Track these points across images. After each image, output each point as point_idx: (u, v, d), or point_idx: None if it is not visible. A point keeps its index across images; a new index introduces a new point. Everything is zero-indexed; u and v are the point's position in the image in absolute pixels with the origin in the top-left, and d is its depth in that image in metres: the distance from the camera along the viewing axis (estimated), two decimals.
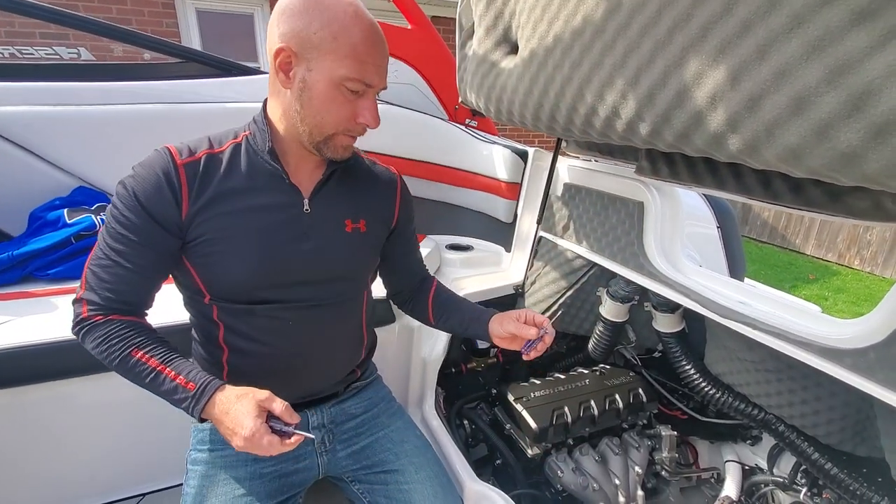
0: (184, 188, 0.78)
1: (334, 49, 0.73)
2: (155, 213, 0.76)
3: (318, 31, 0.72)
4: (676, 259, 1.19)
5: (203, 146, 0.82)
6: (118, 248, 0.77)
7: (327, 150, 0.82)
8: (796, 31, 0.55)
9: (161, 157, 0.78)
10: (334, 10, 0.73)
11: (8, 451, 1.09)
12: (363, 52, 0.75)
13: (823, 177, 0.60)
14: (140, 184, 0.76)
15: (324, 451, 0.99)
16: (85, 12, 4.21)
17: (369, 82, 0.77)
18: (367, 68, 0.76)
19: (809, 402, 1.01)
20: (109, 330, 0.77)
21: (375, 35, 0.77)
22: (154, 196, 0.76)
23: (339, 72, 0.74)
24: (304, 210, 0.86)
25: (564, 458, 1.32)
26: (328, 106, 0.77)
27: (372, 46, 0.76)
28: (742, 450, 1.42)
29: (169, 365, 0.77)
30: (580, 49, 0.87)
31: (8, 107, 1.43)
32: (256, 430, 0.70)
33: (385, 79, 0.81)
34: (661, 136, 0.77)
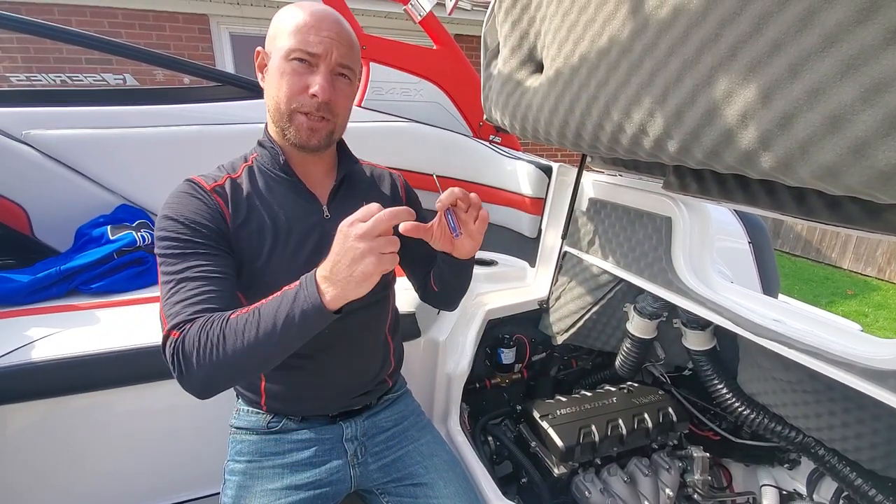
0: (222, 205, 0.83)
1: (281, 31, 0.82)
2: (209, 225, 0.79)
3: (275, 25, 0.83)
4: (706, 275, 1.17)
5: (221, 174, 0.87)
6: (180, 269, 0.74)
7: (291, 133, 0.84)
8: (829, 50, 0.55)
9: (190, 186, 0.83)
10: (284, 12, 0.84)
11: (51, 458, 1.14)
12: (304, 26, 0.80)
13: (861, 194, 0.59)
14: (181, 207, 0.79)
15: (356, 463, 1.00)
16: (127, 38, 4.45)
17: (312, 51, 0.80)
18: (308, 38, 0.80)
19: (851, 424, 0.97)
20: (200, 325, 0.69)
21: (320, 13, 0.82)
22: (202, 211, 0.80)
23: (286, 46, 0.80)
24: (325, 216, 0.91)
25: (592, 478, 1.30)
26: (280, 80, 0.81)
27: (314, 20, 0.81)
28: (779, 474, 1.36)
29: (262, 306, 0.69)
30: (606, 68, 0.88)
31: (59, 130, 1.52)
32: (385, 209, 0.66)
33: (343, 54, 0.83)
34: (690, 153, 0.77)
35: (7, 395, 1.04)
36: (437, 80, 2.03)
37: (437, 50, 2.03)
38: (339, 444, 0.99)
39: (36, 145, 1.50)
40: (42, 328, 1.16)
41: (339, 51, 0.82)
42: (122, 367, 1.10)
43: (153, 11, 4.61)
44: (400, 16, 5.05)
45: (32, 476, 1.13)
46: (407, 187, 1.08)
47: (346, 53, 0.83)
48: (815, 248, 6.12)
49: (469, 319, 1.56)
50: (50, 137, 1.51)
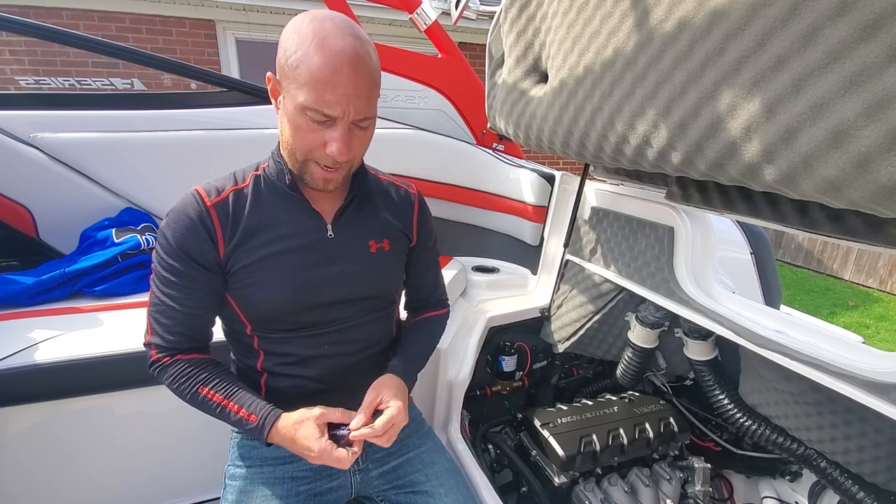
0: (217, 229, 0.81)
1: (296, 76, 0.72)
2: (196, 257, 0.81)
3: (288, 58, 0.72)
4: (708, 285, 1.17)
5: (229, 184, 0.86)
6: (169, 293, 0.82)
7: (307, 178, 0.82)
8: (832, 66, 0.56)
9: (191, 201, 0.82)
10: (305, 35, 0.71)
11: (55, 459, 1.14)
12: (321, 81, 0.70)
13: (864, 208, 0.60)
14: (176, 231, 0.80)
15: (357, 470, 0.99)
16: (134, 43, 4.49)
17: (328, 113, 0.73)
18: (324, 97, 0.72)
19: (853, 437, 0.97)
20: (176, 371, 0.84)
21: (340, 62, 0.71)
22: (192, 240, 0.80)
23: (299, 99, 0.72)
24: (329, 235, 0.89)
25: (592, 487, 1.30)
26: (295, 132, 0.76)
27: (333, 74, 0.70)
28: (781, 486, 1.36)
29: (232, 399, 0.83)
30: (611, 80, 0.89)
31: (66, 133, 1.54)
32: (323, 450, 0.78)
33: (361, 109, 0.75)
34: (693, 165, 0.78)
35: (10, 397, 1.05)
36: (442, 88, 2.05)
37: (441, 58, 2.05)
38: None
39: (43, 148, 1.51)
40: (46, 330, 1.16)
41: (358, 106, 0.75)
42: (124, 371, 1.10)
43: (160, 16, 4.65)
44: (405, 24, 5.09)
45: (35, 477, 1.13)
46: (421, 207, 1.04)
47: (364, 107, 0.76)
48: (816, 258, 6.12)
49: (470, 327, 1.56)
50: (57, 140, 1.53)
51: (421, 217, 1.03)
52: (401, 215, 0.99)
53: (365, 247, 0.92)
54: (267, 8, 4.78)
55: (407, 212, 1.01)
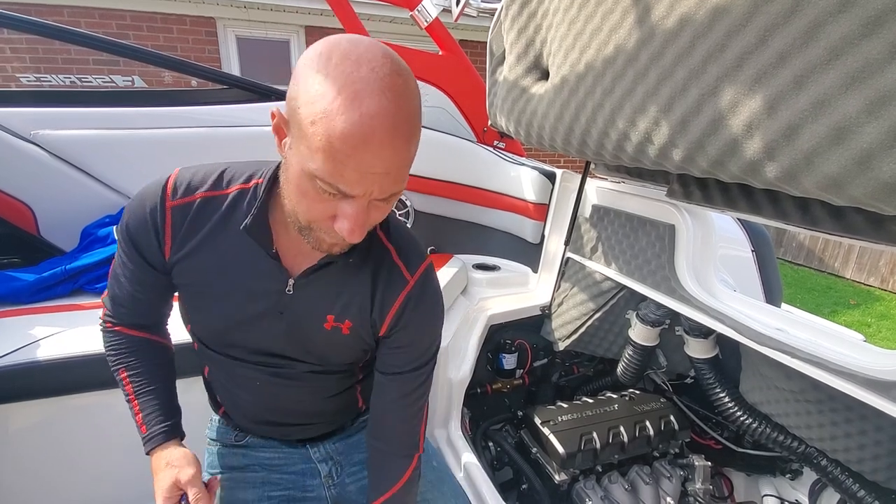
0: (167, 234, 0.71)
1: (310, 134, 0.53)
2: (142, 250, 0.73)
3: (303, 104, 0.54)
4: (709, 283, 1.17)
5: (207, 183, 0.72)
6: (123, 264, 0.76)
7: (310, 241, 0.67)
8: (834, 63, 0.55)
9: (153, 193, 0.71)
10: (330, 82, 0.52)
11: (55, 455, 1.14)
12: (341, 153, 0.53)
13: (865, 205, 0.60)
14: (132, 218, 0.72)
15: (332, 484, 0.93)
16: (135, 41, 4.49)
17: (344, 191, 0.56)
18: (341, 174, 0.54)
19: (853, 435, 0.97)
20: (111, 341, 0.81)
21: (372, 132, 0.52)
22: (141, 235, 0.72)
23: (309, 164, 0.55)
24: (287, 291, 0.73)
25: (593, 485, 1.30)
26: (300, 196, 0.60)
27: (358, 148, 0.53)
28: (781, 484, 1.36)
29: (139, 398, 0.79)
30: (612, 76, 0.88)
31: (67, 130, 1.54)
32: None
33: (387, 188, 0.59)
34: (694, 162, 0.77)
35: (12, 394, 1.05)
36: (443, 86, 2.05)
37: (442, 55, 2.05)
38: (310, 465, 0.93)
39: (44, 145, 1.51)
40: (47, 327, 1.17)
41: (385, 185, 0.58)
42: None
43: (161, 14, 4.65)
44: (406, 21, 5.08)
45: (36, 473, 1.14)
46: (410, 299, 0.77)
47: (392, 184, 0.59)
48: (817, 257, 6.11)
49: (471, 324, 1.56)
50: (58, 138, 1.53)
51: (402, 314, 0.77)
52: (379, 300, 0.77)
53: (320, 320, 0.76)
54: (267, 5, 4.78)
55: (388, 299, 0.77)
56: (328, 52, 0.54)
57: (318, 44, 0.57)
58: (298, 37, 5.19)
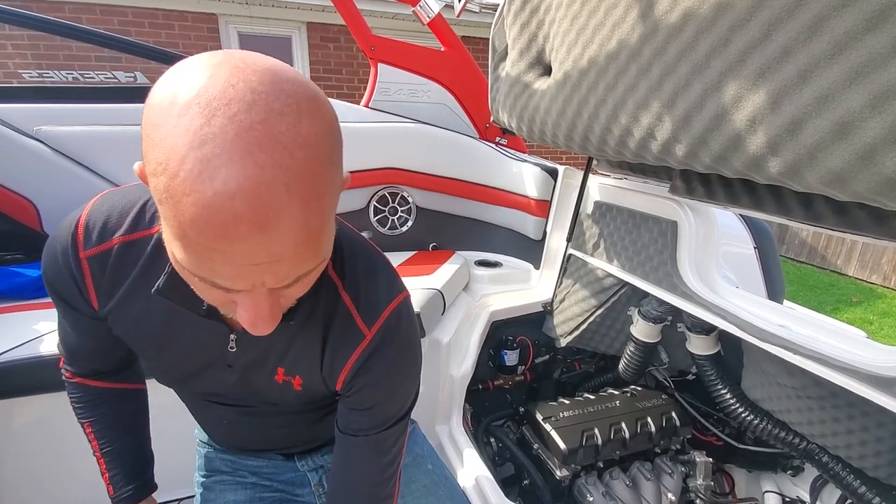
0: (89, 286, 0.60)
1: (166, 216, 0.40)
2: (70, 302, 0.63)
3: (150, 175, 0.40)
4: (712, 279, 1.17)
5: (125, 223, 0.58)
6: (62, 313, 0.68)
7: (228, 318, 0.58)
8: (838, 57, 0.55)
9: (64, 239, 0.59)
10: (167, 152, 0.37)
11: (57, 449, 1.15)
12: (201, 245, 0.39)
13: (868, 200, 0.60)
14: (48, 269, 0.62)
15: (322, 493, 0.89)
16: (137, 37, 4.49)
17: (225, 286, 0.43)
18: (214, 269, 0.41)
19: (855, 431, 0.97)
20: (73, 394, 0.76)
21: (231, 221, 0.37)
22: (63, 287, 0.61)
23: (175, 253, 0.42)
24: (230, 348, 0.63)
25: (594, 481, 1.30)
26: (191, 282, 0.46)
27: (221, 240, 0.38)
28: (782, 480, 1.36)
29: (105, 457, 0.77)
30: (615, 71, 0.88)
31: (70, 126, 1.54)
32: None
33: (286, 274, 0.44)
34: (697, 157, 0.77)
35: (15, 389, 1.06)
36: (445, 82, 2.04)
37: (444, 52, 2.04)
38: (299, 474, 0.90)
39: (47, 141, 1.52)
40: (50, 322, 1.17)
41: (281, 273, 0.43)
42: None
43: (162, 10, 4.64)
44: (408, 17, 5.07)
45: (38, 467, 1.15)
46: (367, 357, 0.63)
47: (291, 270, 0.44)
48: (820, 254, 6.09)
49: (473, 321, 1.56)
50: (60, 134, 1.53)
51: (358, 372, 0.64)
52: (331, 353, 0.64)
53: (270, 373, 0.66)
54: (269, 1, 4.77)
55: (341, 354, 0.64)
56: (174, 90, 0.38)
57: (168, 73, 0.41)
58: (300, 33, 5.18)
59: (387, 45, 1.95)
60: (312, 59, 5.22)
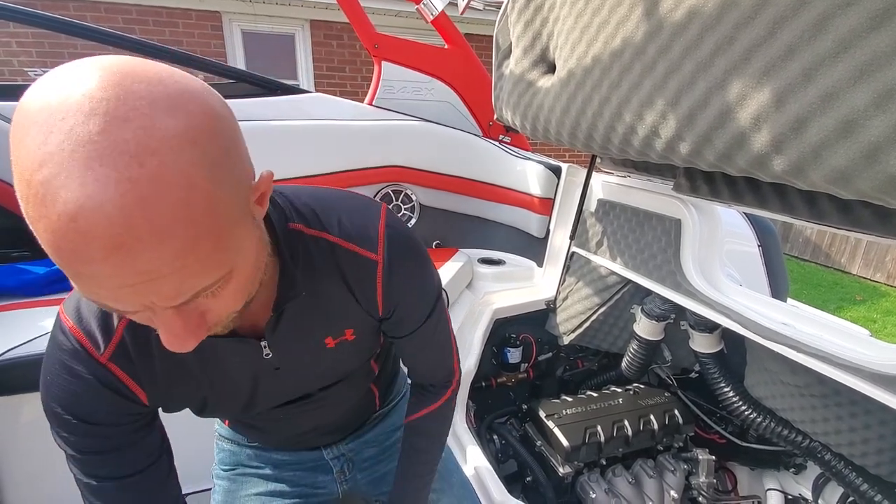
0: (129, 384, 0.57)
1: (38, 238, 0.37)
2: (112, 422, 0.58)
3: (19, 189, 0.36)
4: (715, 278, 1.17)
5: (112, 315, 0.56)
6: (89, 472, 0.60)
7: None
8: (843, 55, 0.55)
9: (76, 357, 0.54)
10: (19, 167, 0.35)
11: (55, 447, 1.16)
12: (68, 270, 0.37)
13: (872, 199, 0.60)
14: (72, 402, 0.55)
15: (344, 480, 0.95)
16: (141, 35, 4.50)
17: (114, 307, 0.40)
18: (90, 292, 0.38)
19: (858, 429, 0.97)
20: None
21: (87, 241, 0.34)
22: (101, 408, 0.56)
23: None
24: (265, 355, 0.64)
25: (597, 478, 1.31)
26: None
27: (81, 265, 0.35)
28: (785, 478, 1.36)
29: None
30: (619, 69, 0.88)
31: None
32: None
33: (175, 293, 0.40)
34: (701, 155, 0.77)
35: (24, 385, 1.07)
36: (448, 80, 2.04)
37: (448, 49, 2.04)
38: (322, 463, 0.94)
39: None
40: None
41: (165, 292, 0.39)
42: None
43: (166, 8, 4.65)
44: (412, 14, 5.06)
45: (46, 462, 1.16)
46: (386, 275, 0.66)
47: (179, 286, 0.39)
48: (824, 252, 6.07)
49: (476, 318, 1.57)
50: None
51: (390, 289, 0.68)
52: (360, 292, 0.67)
53: (319, 346, 0.69)
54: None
55: (367, 286, 0.67)
56: (23, 104, 0.36)
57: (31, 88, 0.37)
58: (304, 30, 5.18)
59: (390, 42, 1.95)
60: (316, 57, 5.22)
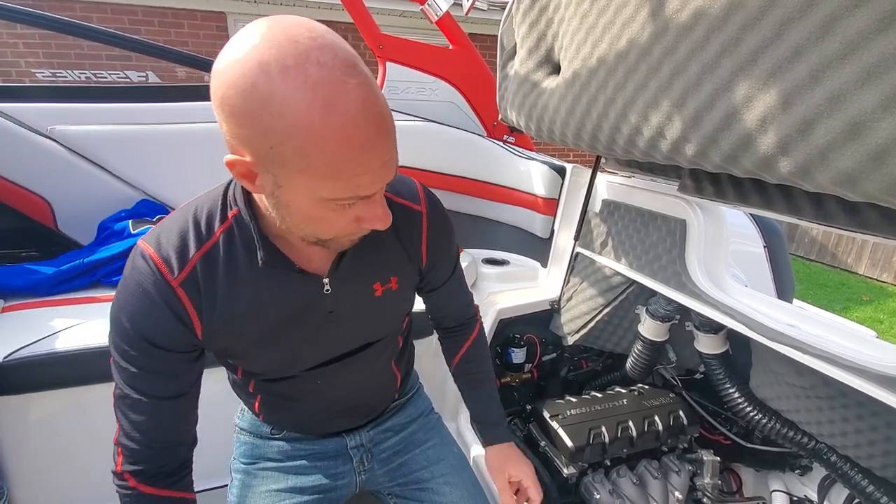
0: (190, 311, 0.65)
1: (306, 167, 0.51)
2: (164, 344, 0.65)
3: (276, 146, 0.49)
4: (721, 278, 1.16)
5: (191, 243, 0.65)
6: (134, 385, 0.67)
7: (333, 245, 0.67)
8: (850, 57, 0.55)
9: (149, 275, 0.63)
10: (294, 109, 0.47)
11: (73, 444, 1.17)
12: (349, 167, 0.51)
13: (880, 201, 0.59)
14: (135, 313, 0.63)
15: (362, 470, 0.98)
16: (147, 36, 4.53)
17: (365, 194, 0.56)
18: (359, 181, 0.54)
19: (864, 431, 0.97)
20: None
21: (366, 126, 0.50)
22: (158, 326, 0.64)
23: (321, 193, 0.54)
24: (325, 291, 0.73)
25: (601, 479, 1.30)
26: (317, 223, 0.59)
27: (363, 147, 0.51)
28: (790, 480, 1.35)
29: None
30: (625, 71, 0.88)
31: (83, 126, 1.56)
32: None
33: (395, 167, 0.58)
34: (707, 157, 0.77)
35: (32, 384, 1.08)
36: (453, 80, 2.05)
37: (452, 49, 2.04)
38: (343, 452, 0.97)
39: (61, 140, 1.54)
40: (66, 319, 1.19)
41: (393, 167, 0.57)
42: None
43: (172, 9, 4.68)
44: (416, 15, 5.07)
45: (54, 462, 1.17)
46: (431, 226, 0.83)
47: (396, 162, 0.57)
48: (830, 252, 6.03)
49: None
50: (74, 133, 1.55)
51: (432, 239, 0.84)
52: (408, 241, 0.81)
53: (369, 292, 0.78)
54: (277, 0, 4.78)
55: (415, 236, 0.82)
56: (253, 71, 0.47)
57: (231, 75, 0.48)
58: None
59: (395, 43, 1.95)
60: None
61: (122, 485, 0.70)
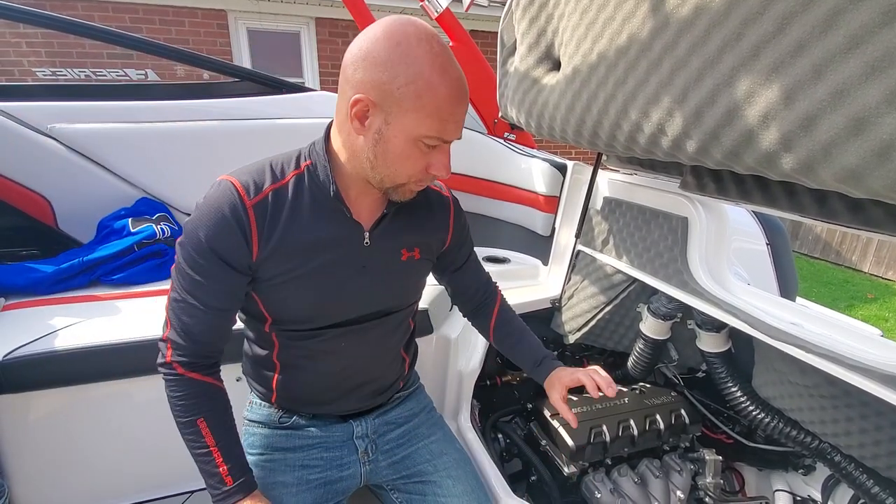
0: (254, 232, 0.77)
1: (417, 107, 0.70)
2: (227, 257, 0.77)
3: (402, 86, 0.69)
4: (723, 276, 1.15)
5: (266, 179, 0.80)
6: (193, 292, 0.78)
7: (395, 195, 0.82)
8: (853, 51, 0.54)
9: (229, 196, 0.76)
10: (421, 63, 0.69)
11: (73, 443, 1.17)
12: (447, 111, 0.71)
13: (884, 198, 0.58)
14: (209, 227, 0.75)
15: (367, 461, 1.01)
16: (148, 34, 4.53)
17: (448, 138, 0.75)
18: (448, 126, 0.73)
19: (869, 431, 0.96)
20: (186, 390, 0.81)
21: (460, 90, 0.73)
22: (225, 240, 0.76)
23: (420, 130, 0.72)
24: (364, 243, 0.86)
25: (602, 478, 1.30)
26: (403, 161, 0.75)
27: (457, 103, 0.73)
28: (794, 479, 1.34)
29: (221, 450, 0.82)
30: (625, 66, 0.87)
31: (83, 124, 1.56)
32: None
33: (461, 131, 0.77)
34: (709, 153, 0.76)
35: (31, 382, 1.08)
36: None
37: (452, 46, 2.03)
38: (349, 442, 1.00)
39: (61, 139, 1.54)
40: (65, 317, 1.19)
41: (461, 133, 0.77)
42: (142, 357, 1.13)
43: (173, 7, 4.67)
44: (416, 11, 5.05)
45: (54, 461, 1.17)
46: (457, 212, 1.03)
47: (462, 131, 0.78)
48: (834, 250, 6.00)
49: None
50: (74, 131, 1.55)
51: (456, 224, 1.02)
52: (437, 225, 0.98)
53: (396, 255, 0.91)
54: None
55: (443, 220, 0.99)
56: (396, 39, 0.69)
57: (373, 37, 0.71)
58: (308, 28, 5.18)
59: None
60: (321, 55, 5.23)
61: (169, 372, 0.81)
